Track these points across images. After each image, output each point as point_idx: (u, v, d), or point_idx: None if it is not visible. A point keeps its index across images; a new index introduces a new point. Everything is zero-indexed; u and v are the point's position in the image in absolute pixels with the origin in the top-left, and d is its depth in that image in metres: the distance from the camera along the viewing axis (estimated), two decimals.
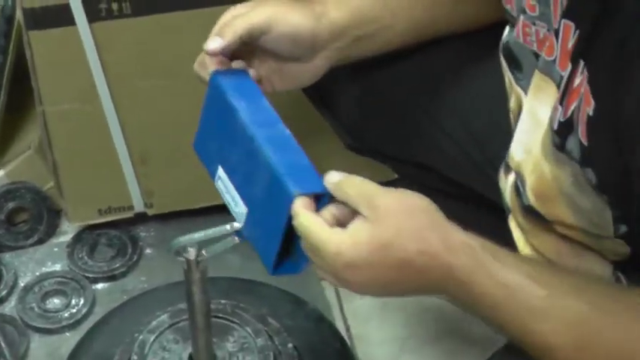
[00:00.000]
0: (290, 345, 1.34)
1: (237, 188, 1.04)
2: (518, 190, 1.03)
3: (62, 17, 1.36)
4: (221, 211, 1.17)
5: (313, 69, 1.15)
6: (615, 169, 0.85)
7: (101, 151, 1.52)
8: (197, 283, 1.10)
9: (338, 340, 1.44)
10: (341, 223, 0.90)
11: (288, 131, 1.03)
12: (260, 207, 1.00)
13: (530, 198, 0.99)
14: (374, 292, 0.97)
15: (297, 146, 1.02)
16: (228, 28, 1.08)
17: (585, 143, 0.86)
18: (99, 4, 1.36)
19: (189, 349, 1.26)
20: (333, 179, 0.93)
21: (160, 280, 1.51)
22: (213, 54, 1.08)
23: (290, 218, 0.93)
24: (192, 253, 1.07)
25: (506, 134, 1.09)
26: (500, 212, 1.15)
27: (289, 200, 0.92)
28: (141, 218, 1.65)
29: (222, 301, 1.32)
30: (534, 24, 0.98)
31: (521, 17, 1.01)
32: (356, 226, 0.88)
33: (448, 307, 1.49)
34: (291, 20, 1.09)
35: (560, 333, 0.87)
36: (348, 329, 1.57)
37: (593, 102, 0.84)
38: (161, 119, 1.49)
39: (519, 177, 1.02)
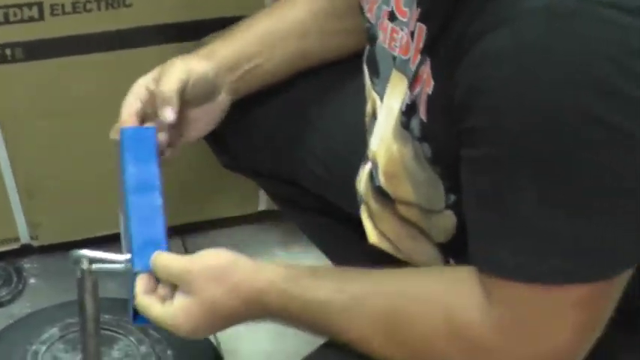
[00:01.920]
0: (169, 352, 1.38)
1: (124, 234, 1.11)
2: (372, 175, 1.09)
3: None
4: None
5: (220, 106, 1.21)
6: (446, 143, 0.91)
7: None
8: (89, 291, 1.10)
9: (212, 351, 1.50)
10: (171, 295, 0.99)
11: (160, 200, 1.09)
12: (128, 265, 1.06)
13: (381, 179, 1.05)
14: (218, 332, 1.09)
15: (161, 218, 1.08)
16: (165, 95, 1.13)
17: (425, 120, 0.93)
18: None
19: (79, 358, 1.25)
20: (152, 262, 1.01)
21: (44, 306, 1.50)
22: (170, 122, 1.12)
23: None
24: (85, 263, 1.08)
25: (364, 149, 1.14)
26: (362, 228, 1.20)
27: (134, 276, 1.01)
28: (26, 249, 1.65)
29: (107, 316, 1.32)
30: (402, 29, 1.02)
31: (390, 25, 1.04)
32: (180, 300, 0.97)
33: None
34: (198, 67, 1.17)
35: (368, 325, 0.95)
36: (219, 345, 1.60)
37: (432, 82, 0.90)
38: (49, 155, 1.50)
39: (374, 164, 1.07)
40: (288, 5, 1.27)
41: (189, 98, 1.15)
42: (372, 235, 1.15)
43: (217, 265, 0.99)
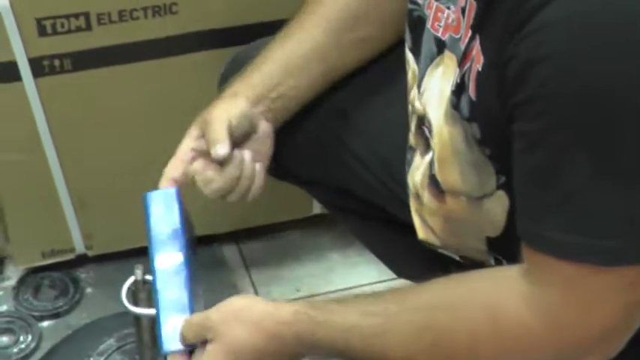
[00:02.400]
0: None
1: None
2: (431, 164, 1.09)
3: (10, 73, 1.39)
4: None
5: (266, 134, 1.22)
6: (496, 120, 0.92)
7: (44, 197, 1.55)
8: (144, 302, 1.13)
9: None
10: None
11: (182, 258, 1.11)
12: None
13: (436, 166, 1.06)
14: None
15: (183, 280, 1.10)
16: (214, 136, 1.14)
17: (474, 98, 0.94)
18: (42, 61, 1.39)
19: None
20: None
21: (100, 315, 1.53)
22: (223, 158, 1.13)
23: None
24: (139, 274, 1.11)
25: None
26: (411, 229, 1.20)
27: (164, 353, 1.05)
28: (81, 260, 1.67)
29: None
30: (448, 8, 1.03)
31: (435, 4, 1.05)
32: (207, 349, 1.00)
33: None
34: (232, 108, 1.17)
35: (408, 344, 0.95)
36: None
37: (482, 59, 0.91)
38: (101, 166, 1.52)
39: (433, 152, 1.08)
40: (302, 28, 1.26)
41: (238, 136, 1.16)
42: (421, 231, 1.16)
43: (235, 308, 1.01)
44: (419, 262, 1.38)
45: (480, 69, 0.91)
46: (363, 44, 1.25)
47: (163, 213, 1.13)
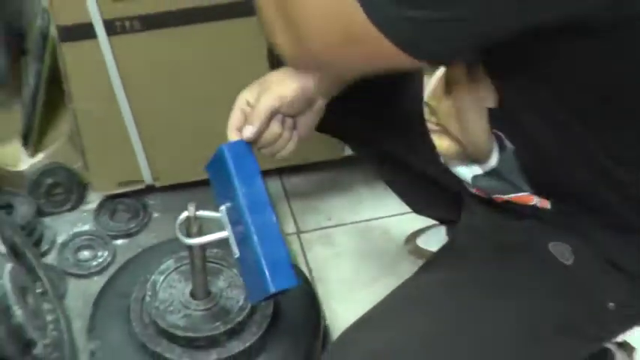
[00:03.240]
0: None
1: (233, 234, 1.11)
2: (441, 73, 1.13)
3: (86, 32, 1.43)
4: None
5: (318, 110, 1.19)
6: None
7: (118, 137, 1.60)
8: (195, 234, 1.19)
9: (302, 278, 1.54)
10: None
11: (274, 217, 1.08)
12: (247, 268, 1.09)
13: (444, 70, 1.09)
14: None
15: (278, 235, 1.08)
16: (256, 113, 1.13)
17: None
18: (114, 22, 1.42)
19: (190, 287, 1.37)
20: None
21: (165, 237, 1.57)
22: (250, 140, 1.13)
23: (267, 296, 1.04)
24: (192, 210, 1.16)
25: None
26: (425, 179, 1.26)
27: (268, 290, 1.02)
28: (149, 189, 1.73)
29: (214, 250, 1.38)
30: None
31: None
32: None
33: (385, 253, 1.71)
34: (296, 86, 1.15)
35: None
36: (310, 272, 1.68)
37: None
38: (166, 111, 1.54)
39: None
40: None
41: (289, 112, 1.14)
42: (442, 143, 1.17)
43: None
44: (428, 199, 1.47)
45: None
46: None
47: (240, 159, 1.12)
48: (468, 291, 1.07)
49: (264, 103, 1.11)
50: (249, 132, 1.11)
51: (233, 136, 1.13)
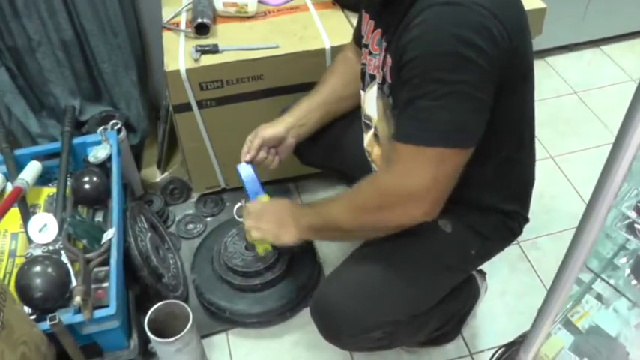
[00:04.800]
0: (285, 256, 1.56)
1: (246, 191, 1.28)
2: (375, 132, 1.14)
3: (187, 107, 1.58)
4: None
5: (290, 144, 1.31)
6: (397, 88, 0.95)
7: (206, 162, 1.77)
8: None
9: (313, 255, 1.65)
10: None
11: (264, 194, 1.26)
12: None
13: (378, 127, 1.11)
14: (269, 223, 1.14)
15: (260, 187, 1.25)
16: (252, 145, 1.27)
17: (390, 81, 0.99)
18: (202, 101, 1.57)
19: (244, 243, 1.57)
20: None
21: (231, 217, 1.68)
22: (249, 161, 1.27)
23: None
24: (243, 202, 1.33)
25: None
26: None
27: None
28: (223, 190, 1.89)
29: None
30: (374, 58, 1.08)
31: (369, 57, 1.09)
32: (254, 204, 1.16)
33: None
34: (273, 131, 1.28)
35: (344, 212, 1.02)
36: (318, 252, 1.71)
37: (390, 60, 0.96)
38: (230, 147, 1.53)
39: (375, 127, 1.13)
40: (323, 83, 1.31)
41: (270, 145, 1.29)
42: (373, 166, 1.22)
43: (279, 200, 1.15)
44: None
45: (390, 65, 0.98)
46: (352, 99, 1.28)
47: (247, 174, 1.30)
48: (394, 248, 1.12)
49: (255, 141, 1.27)
50: (248, 157, 1.28)
51: (242, 158, 1.28)
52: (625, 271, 0.94)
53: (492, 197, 1.10)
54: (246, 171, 1.29)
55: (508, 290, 1.64)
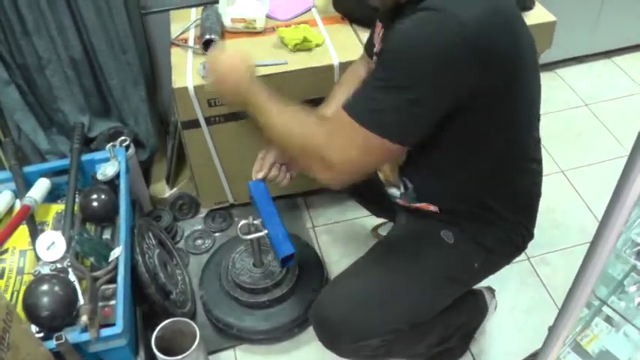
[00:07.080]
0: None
1: (267, 231, 1.24)
2: None
3: (195, 123, 1.58)
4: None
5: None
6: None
7: (215, 178, 1.75)
8: (251, 232, 1.34)
9: (316, 256, 1.70)
10: None
11: (276, 212, 1.23)
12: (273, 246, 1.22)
13: None
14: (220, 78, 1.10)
15: (279, 221, 1.22)
16: (262, 164, 1.25)
17: (377, 50, 1.09)
18: (210, 118, 1.57)
19: (252, 260, 1.57)
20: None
21: None
22: (262, 178, 1.24)
23: (281, 261, 1.17)
24: (251, 219, 1.33)
25: None
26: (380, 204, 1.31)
27: (279, 257, 1.17)
28: (232, 205, 1.89)
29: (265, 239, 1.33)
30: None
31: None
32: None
33: (361, 237, 1.75)
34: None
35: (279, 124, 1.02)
36: (320, 250, 1.79)
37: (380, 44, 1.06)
38: (238, 164, 1.66)
39: None
40: (332, 97, 1.30)
41: (283, 160, 1.27)
42: (383, 181, 1.25)
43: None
44: (380, 208, 1.53)
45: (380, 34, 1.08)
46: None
47: (259, 191, 1.28)
48: (395, 258, 1.15)
49: (267, 159, 1.26)
50: (260, 175, 1.26)
51: (254, 176, 1.27)
52: (635, 300, 0.93)
53: (495, 206, 1.10)
54: (258, 188, 1.28)
55: (517, 306, 1.64)
